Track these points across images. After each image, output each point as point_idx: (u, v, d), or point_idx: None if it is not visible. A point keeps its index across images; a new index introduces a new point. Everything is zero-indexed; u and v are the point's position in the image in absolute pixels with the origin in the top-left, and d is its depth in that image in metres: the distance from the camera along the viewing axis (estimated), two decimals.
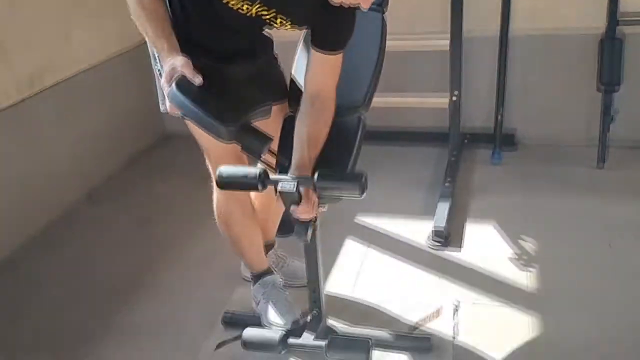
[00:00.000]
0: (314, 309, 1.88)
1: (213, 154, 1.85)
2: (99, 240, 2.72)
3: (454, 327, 1.99)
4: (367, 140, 1.80)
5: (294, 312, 1.97)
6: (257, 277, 2.07)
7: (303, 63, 1.98)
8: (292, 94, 1.90)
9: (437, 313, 2.07)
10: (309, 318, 1.88)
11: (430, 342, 1.91)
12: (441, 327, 2.00)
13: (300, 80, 1.87)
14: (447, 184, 2.79)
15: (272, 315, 1.97)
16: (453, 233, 2.49)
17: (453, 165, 2.96)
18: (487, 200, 2.75)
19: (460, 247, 2.43)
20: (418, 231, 2.55)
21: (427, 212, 2.64)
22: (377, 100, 1.89)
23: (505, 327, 1.99)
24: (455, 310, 2.08)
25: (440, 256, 2.39)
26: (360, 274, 2.32)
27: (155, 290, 2.35)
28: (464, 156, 3.12)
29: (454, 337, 1.95)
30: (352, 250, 2.47)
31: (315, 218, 1.68)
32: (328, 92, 1.66)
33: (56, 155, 2.88)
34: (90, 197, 3.04)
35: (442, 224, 2.48)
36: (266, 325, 1.96)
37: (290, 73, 1.92)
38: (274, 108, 1.87)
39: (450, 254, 2.40)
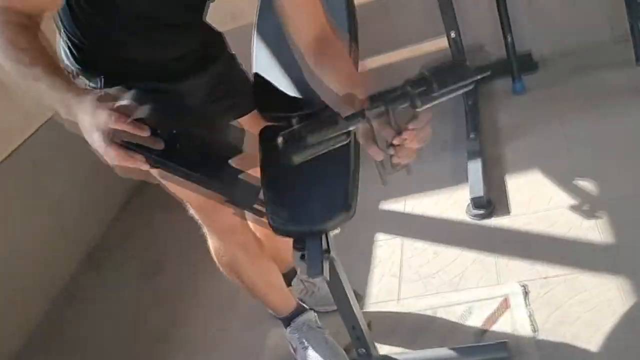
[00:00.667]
0: (358, 348, 1.56)
1: (195, 204, 1.52)
2: (109, 303, 2.42)
3: (530, 319, 1.64)
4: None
5: (338, 354, 1.65)
6: (287, 320, 1.74)
7: (264, 56, 1.62)
8: (258, 97, 1.54)
9: (505, 305, 1.72)
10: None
11: (508, 348, 1.56)
12: (514, 322, 1.65)
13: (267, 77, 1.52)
14: (472, 137, 2.39)
15: None
16: (495, 196, 2.11)
17: (472, 111, 2.55)
18: (522, 143, 2.34)
19: (507, 211, 2.05)
20: (454, 204, 2.18)
21: (458, 176, 2.26)
22: (370, 62, 1.52)
23: (592, 301, 1.62)
24: (525, 294, 1.72)
25: (487, 229, 2.02)
26: (401, 275, 1.97)
27: (180, 345, 2.06)
28: (482, 97, 2.69)
29: (534, 332, 1.60)
30: (385, 248, 2.11)
31: (328, 248, 1.34)
32: (324, 26, 1.25)
33: (39, 227, 2.57)
34: (90, 259, 2.73)
35: (480, 189, 2.10)
36: None
37: (251, 73, 1.56)
38: (247, 119, 1.52)
39: (498, 222, 2.02)
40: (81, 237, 2.75)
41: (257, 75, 1.56)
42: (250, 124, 1.53)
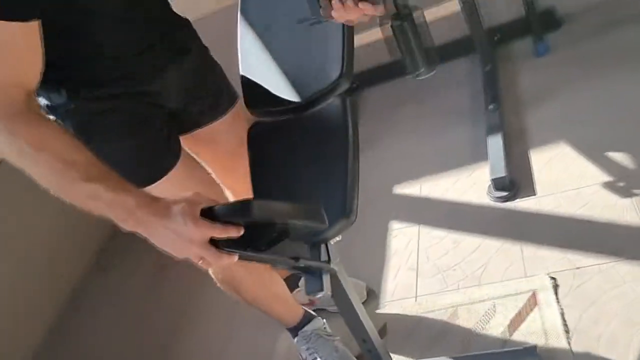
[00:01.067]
0: None
1: None
2: (116, 308, 2.33)
3: (561, 317, 1.48)
4: (380, 79, 1.26)
5: None
6: (295, 330, 1.61)
7: (250, 40, 1.44)
8: (249, 95, 1.38)
9: (533, 301, 1.55)
10: None
11: (537, 354, 1.41)
12: (544, 321, 1.49)
13: (256, 77, 1.35)
14: (491, 107, 2.19)
15: None
16: (519, 175, 1.92)
17: (490, 77, 2.34)
18: (547, 112, 2.13)
19: (533, 192, 1.86)
20: (474, 185, 2.00)
21: (478, 153, 2.07)
22: (375, 33, 1.35)
23: (630, 295, 1.45)
24: (555, 288, 1.55)
25: (511, 212, 1.84)
26: (419, 268, 1.82)
27: (189, 352, 1.95)
28: (501, 60, 2.46)
29: (567, 335, 1.44)
30: (401, 238, 1.95)
31: (329, 259, 1.20)
32: None
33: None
34: (98, 262, 2.62)
35: (501, 168, 1.91)
36: None
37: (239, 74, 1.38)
38: (229, 118, 1.38)
39: (523, 204, 1.84)
40: (88, 240, 2.64)
41: (244, 68, 1.40)
42: (231, 122, 1.38)
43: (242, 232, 0.93)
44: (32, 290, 2.33)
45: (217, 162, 1.44)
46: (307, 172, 1.31)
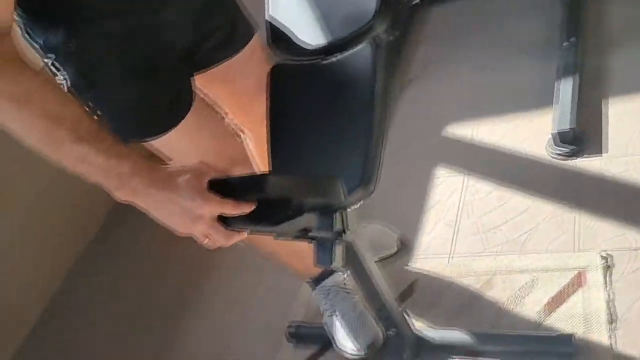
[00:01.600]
0: (389, 329, 1.33)
1: None
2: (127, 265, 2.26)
3: (608, 305, 1.31)
4: None
5: (369, 328, 1.43)
6: (314, 283, 1.53)
7: None
8: (274, 34, 1.21)
9: (578, 281, 1.39)
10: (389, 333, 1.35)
11: (573, 343, 1.26)
12: (587, 305, 1.33)
13: (284, 16, 1.18)
14: (567, 43, 1.90)
15: (342, 337, 1.45)
16: (587, 129, 1.68)
17: (572, 6, 2.02)
18: (636, 54, 1.82)
19: (600, 150, 1.63)
20: (533, 133, 1.77)
21: (544, 96, 1.82)
22: None
23: None
24: (606, 269, 1.38)
25: (571, 172, 1.62)
26: (458, 224, 1.66)
27: (203, 310, 1.89)
28: None
29: (611, 324, 1.28)
30: (444, 187, 1.78)
31: (344, 229, 1.08)
32: None
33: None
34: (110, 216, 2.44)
35: (568, 119, 1.67)
36: (339, 349, 1.46)
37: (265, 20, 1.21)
38: (247, 53, 1.24)
39: (586, 164, 1.61)
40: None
41: (273, 9, 1.22)
42: (248, 59, 1.22)
43: (254, 208, 0.85)
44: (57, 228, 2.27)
45: (234, 103, 1.30)
46: (328, 126, 1.15)
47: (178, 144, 1.15)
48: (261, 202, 0.86)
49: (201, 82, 1.22)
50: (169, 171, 0.85)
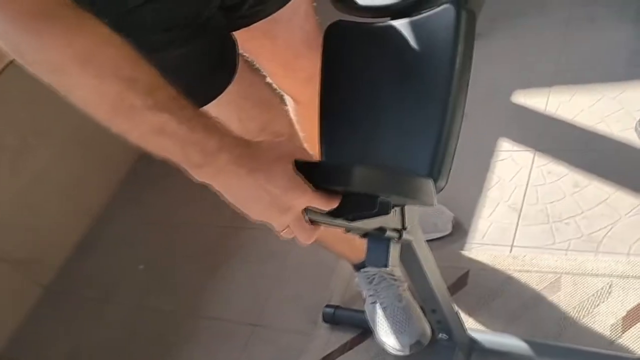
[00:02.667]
0: (439, 332, 1.18)
1: None
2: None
3: None
4: None
5: (414, 324, 1.27)
6: (357, 267, 1.38)
7: None
8: None
9: None
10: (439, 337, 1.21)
11: None
12: None
13: None
14: None
15: (384, 332, 1.30)
16: None
17: None
18: None
19: None
20: (620, 111, 1.54)
21: (635, 66, 1.57)
22: None
23: None
24: None
25: None
26: (523, 209, 1.47)
27: (235, 269, 1.78)
28: None
29: None
30: (509, 163, 1.58)
31: (402, 229, 0.91)
32: None
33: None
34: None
35: None
36: (379, 341, 1.32)
37: None
38: (293, 6, 1.05)
39: None
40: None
41: None
42: (293, 12, 1.03)
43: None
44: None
45: (276, 60, 1.11)
46: (393, 102, 0.96)
47: (220, 115, 0.98)
48: (346, 195, 0.74)
49: (241, 40, 1.03)
50: (263, 150, 0.68)
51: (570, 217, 1.40)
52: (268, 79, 1.11)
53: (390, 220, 0.85)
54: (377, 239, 0.92)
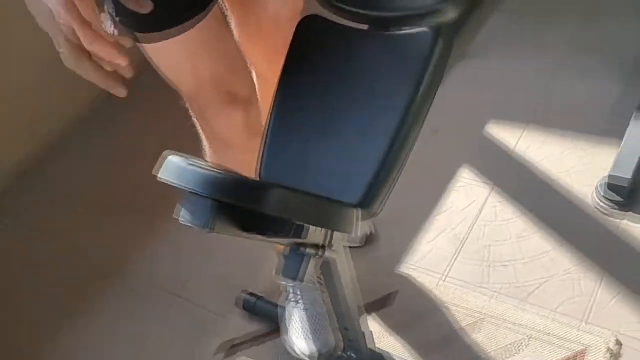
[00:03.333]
0: (347, 351, 1.16)
1: (186, 92, 1.06)
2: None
3: None
4: None
5: (328, 333, 1.25)
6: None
7: None
8: None
9: (575, 359, 1.20)
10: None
11: None
12: None
13: None
14: None
15: (296, 334, 1.28)
16: None
17: None
18: None
19: None
20: (586, 166, 1.52)
21: (613, 124, 1.56)
22: None
23: None
24: (612, 356, 1.18)
25: (610, 229, 1.39)
26: (464, 243, 1.45)
27: (166, 241, 1.68)
28: None
29: None
30: (464, 193, 1.55)
31: (324, 245, 0.88)
32: None
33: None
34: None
35: (630, 165, 1.41)
36: (287, 342, 1.30)
37: None
38: None
39: (631, 227, 1.38)
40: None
41: None
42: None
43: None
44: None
45: (249, 24, 1.07)
46: (345, 113, 0.92)
47: (171, 58, 0.95)
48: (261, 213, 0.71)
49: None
50: None
51: (509, 261, 1.39)
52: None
53: (311, 237, 0.81)
54: (295, 251, 0.88)
